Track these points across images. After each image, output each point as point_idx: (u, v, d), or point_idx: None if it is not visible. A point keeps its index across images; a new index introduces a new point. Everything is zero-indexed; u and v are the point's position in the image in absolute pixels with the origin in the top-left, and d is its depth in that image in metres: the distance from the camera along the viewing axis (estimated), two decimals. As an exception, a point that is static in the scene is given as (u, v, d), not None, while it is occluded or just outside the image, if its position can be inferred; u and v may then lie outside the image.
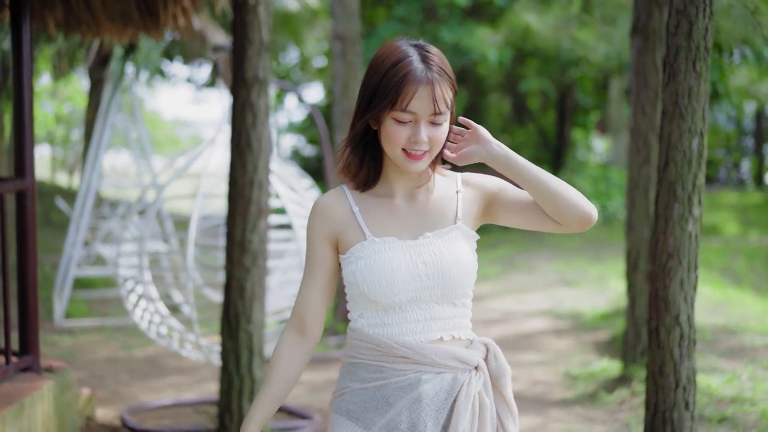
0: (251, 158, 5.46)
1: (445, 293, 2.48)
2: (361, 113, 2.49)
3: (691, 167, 3.80)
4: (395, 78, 2.41)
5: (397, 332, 2.48)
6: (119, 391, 7.15)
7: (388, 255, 2.46)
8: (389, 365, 2.47)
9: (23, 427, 4.54)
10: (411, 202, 2.57)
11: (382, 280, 2.44)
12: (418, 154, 2.46)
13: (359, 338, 2.52)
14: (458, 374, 2.49)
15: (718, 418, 5.94)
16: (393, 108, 2.41)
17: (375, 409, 2.47)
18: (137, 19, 5.61)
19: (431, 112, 2.43)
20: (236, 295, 5.49)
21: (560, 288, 12.13)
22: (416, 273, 2.45)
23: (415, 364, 2.46)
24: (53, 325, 9.52)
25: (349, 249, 2.52)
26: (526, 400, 6.73)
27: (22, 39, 5.08)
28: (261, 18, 5.45)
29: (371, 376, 2.49)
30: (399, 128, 2.43)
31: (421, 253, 2.47)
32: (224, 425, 5.53)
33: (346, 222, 2.53)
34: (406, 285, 2.45)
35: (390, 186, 2.57)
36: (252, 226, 5.48)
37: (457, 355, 2.49)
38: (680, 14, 3.76)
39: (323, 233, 2.55)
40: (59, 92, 25.42)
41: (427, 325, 2.48)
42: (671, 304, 3.82)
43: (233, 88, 5.55)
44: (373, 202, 2.56)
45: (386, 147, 2.48)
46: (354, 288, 2.50)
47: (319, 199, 2.60)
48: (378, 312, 2.50)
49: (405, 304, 2.47)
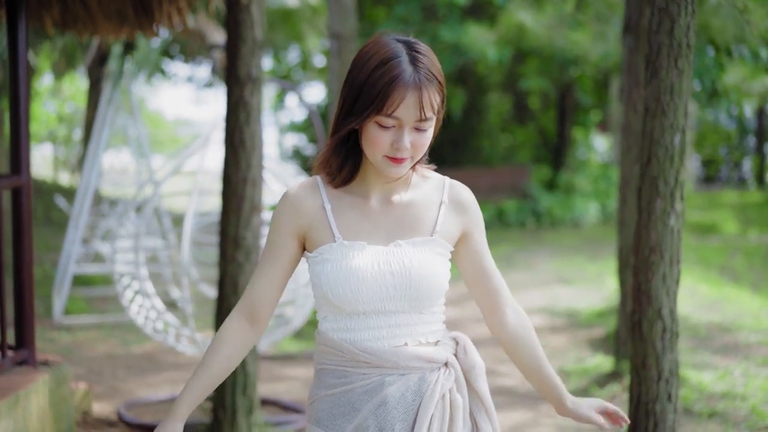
0: (244, 155, 5.52)
1: (412, 305, 2.38)
2: (344, 115, 2.37)
3: (673, 163, 3.86)
4: (382, 80, 2.29)
5: (359, 338, 2.39)
6: (116, 387, 7.22)
7: (356, 261, 2.35)
8: (353, 369, 2.39)
9: (18, 418, 4.61)
10: (387, 206, 2.46)
11: (347, 287, 2.33)
12: (400, 159, 2.35)
13: (324, 343, 2.43)
14: (425, 374, 2.41)
15: (708, 413, 5.99)
16: (378, 113, 2.29)
17: (342, 415, 2.40)
18: (132, 17, 5.66)
19: (417, 119, 2.32)
20: (230, 290, 5.56)
21: (557, 286, 12.20)
22: (383, 283, 2.35)
23: (378, 368, 2.38)
24: (52, 322, 9.59)
25: (316, 248, 2.42)
26: (518, 396, 6.79)
27: (18, 37, 5.15)
28: (254, 16, 5.51)
29: (336, 381, 2.41)
30: (382, 133, 2.32)
31: (389, 262, 2.36)
32: (218, 419, 5.60)
33: (316, 218, 2.42)
34: (371, 294, 2.34)
35: (366, 186, 2.45)
36: (245, 222, 5.54)
37: (421, 355, 2.40)
38: (662, 12, 3.82)
39: (290, 226, 2.44)
40: (61, 92, 25.52)
41: (391, 332, 2.39)
42: (653, 298, 3.88)
43: (227, 86, 5.62)
44: (346, 201, 2.44)
45: (367, 150, 2.36)
46: (318, 290, 2.40)
47: (290, 189, 2.48)
48: (341, 317, 2.40)
49: (369, 312, 2.38)
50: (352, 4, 10.40)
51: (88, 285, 11.31)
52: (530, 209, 20.60)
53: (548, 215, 20.56)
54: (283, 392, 6.92)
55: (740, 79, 17.16)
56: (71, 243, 10.15)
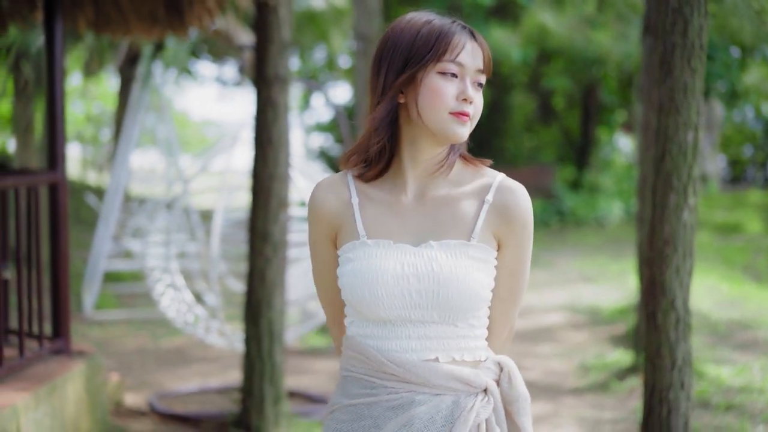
0: (272, 153, 5.69)
1: (443, 315, 2.09)
2: (394, 76, 2.12)
3: (686, 159, 3.99)
4: (435, 30, 2.08)
5: (386, 347, 2.12)
6: (147, 379, 7.40)
7: (377, 262, 2.10)
8: (380, 381, 2.13)
9: (56, 404, 4.80)
10: (421, 202, 2.17)
11: (365, 291, 2.08)
12: (466, 114, 2.09)
13: (351, 348, 2.18)
14: (460, 397, 2.11)
15: (725, 406, 6.12)
16: (440, 59, 2.06)
17: (363, 429, 2.14)
18: (164, 18, 5.85)
19: (478, 68, 2.10)
20: (258, 283, 5.74)
21: (580, 284, 12.33)
22: (406, 288, 2.08)
23: (407, 383, 2.11)
24: (83, 317, 9.80)
25: (342, 245, 2.19)
26: (539, 389, 6.93)
27: (54, 37, 5.36)
28: (281, 18, 5.68)
29: (361, 391, 2.15)
30: (446, 83, 2.07)
31: (416, 264, 2.09)
32: (246, 408, 5.77)
33: (344, 214, 2.19)
34: (391, 301, 2.08)
35: (401, 178, 2.18)
36: (273, 217, 5.71)
37: (458, 375, 2.10)
38: (676, 13, 3.96)
39: (322, 232, 2.23)
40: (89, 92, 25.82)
41: (420, 344, 2.11)
42: (667, 290, 4.01)
43: (256, 86, 5.79)
44: (376, 196, 2.19)
45: (428, 112, 2.08)
46: (343, 293, 2.17)
47: (316, 188, 2.24)
48: (367, 322, 2.16)
49: (395, 320, 2.11)
50: (377, 5, 10.55)
51: (117, 281, 11.53)
52: (554, 209, 20.69)
53: (572, 215, 20.64)
54: (309, 385, 7.08)
55: (759, 80, 17.19)
56: (101, 240, 10.36)
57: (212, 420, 6.07)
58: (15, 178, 5.24)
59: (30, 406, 4.48)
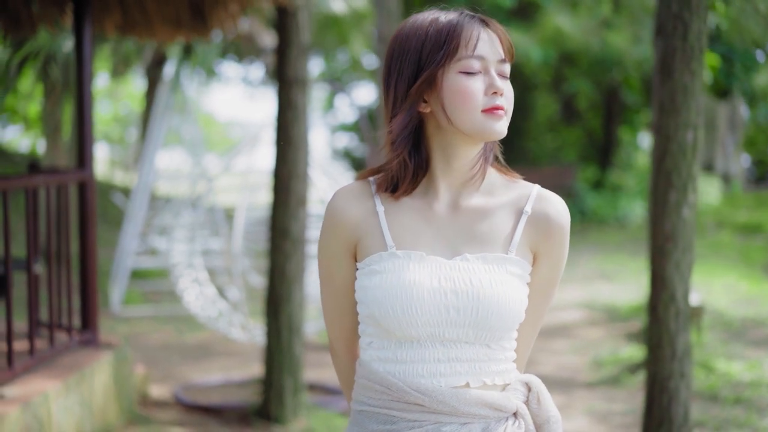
0: (291, 152, 5.90)
1: (479, 335, 1.92)
2: (407, 84, 1.95)
3: (686, 157, 4.16)
4: (445, 27, 1.92)
5: (411, 372, 1.93)
6: (172, 372, 7.62)
7: (411, 275, 1.91)
8: (400, 413, 1.94)
9: (84, 393, 5.01)
10: (455, 212, 2.00)
11: (397, 305, 1.89)
12: (500, 107, 1.93)
13: (367, 376, 1.98)
14: (490, 424, 1.96)
15: (733, 399, 6.26)
16: (456, 57, 1.90)
17: None
18: (188, 22, 6.05)
19: (500, 57, 1.94)
20: (278, 278, 5.94)
21: (598, 281, 12.47)
22: (443, 303, 1.90)
23: (433, 413, 1.93)
24: (110, 313, 10.03)
25: (365, 258, 1.98)
26: (553, 382, 7.09)
27: (83, 40, 5.59)
28: (300, 22, 5.88)
29: (380, 428, 1.96)
30: (471, 81, 1.91)
31: (453, 279, 1.91)
32: (267, 399, 5.98)
33: (367, 225, 2.00)
34: (427, 317, 1.89)
35: (433, 187, 2.01)
36: (293, 214, 5.92)
37: (489, 400, 1.94)
38: (676, 18, 4.13)
39: (341, 244, 2.03)
40: (116, 93, 26.17)
41: (450, 367, 1.93)
42: (667, 283, 4.19)
43: (277, 87, 6.00)
44: (404, 204, 2.00)
45: (460, 114, 1.91)
46: (364, 308, 1.96)
47: (336, 196, 2.06)
48: (390, 343, 1.96)
49: (424, 339, 1.93)
50: (397, 7, 10.74)
51: (143, 278, 11.77)
52: (576, 208, 20.79)
53: (594, 214, 20.74)
54: (328, 379, 7.27)
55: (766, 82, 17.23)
56: (128, 238, 10.60)
57: (234, 410, 6.28)
58: (45, 176, 5.41)
59: (60, 393, 4.70)
